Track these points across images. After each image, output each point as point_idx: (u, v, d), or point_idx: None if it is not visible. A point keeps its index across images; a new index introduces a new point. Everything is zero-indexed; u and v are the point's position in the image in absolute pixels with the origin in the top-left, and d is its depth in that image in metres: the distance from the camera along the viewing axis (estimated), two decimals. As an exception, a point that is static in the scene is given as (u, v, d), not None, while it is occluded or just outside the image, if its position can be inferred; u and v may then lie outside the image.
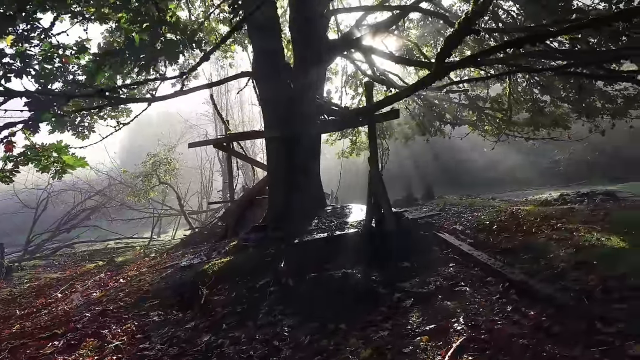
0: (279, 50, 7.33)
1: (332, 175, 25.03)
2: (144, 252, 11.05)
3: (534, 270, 4.54)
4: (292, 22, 7.36)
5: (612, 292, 3.64)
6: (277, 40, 7.29)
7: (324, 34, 7.55)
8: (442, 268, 4.95)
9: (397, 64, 8.77)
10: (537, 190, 16.47)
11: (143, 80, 5.02)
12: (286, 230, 6.45)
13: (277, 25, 7.35)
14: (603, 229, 5.75)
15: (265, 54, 7.19)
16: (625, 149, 17.30)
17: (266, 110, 7.32)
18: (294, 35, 7.44)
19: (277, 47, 7.29)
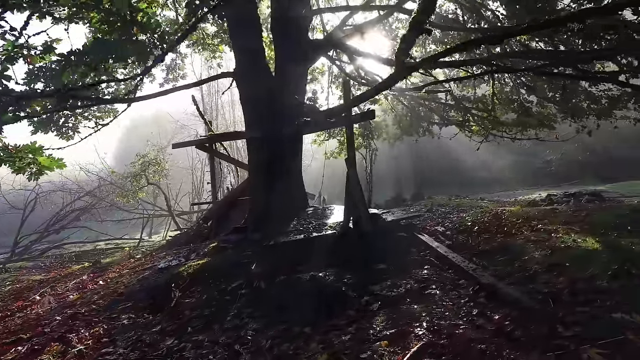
0: (260, 49, 7.27)
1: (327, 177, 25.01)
2: (129, 253, 10.97)
3: (507, 273, 4.51)
4: (273, 22, 7.31)
5: (578, 294, 3.60)
6: (257, 39, 7.24)
7: (306, 33, 7.51)
8: (416, 270, 4.91)
9: (385, 65, 8.72)
10: (528, 191, 16.48)
11: (96, 82, 4.93)
12: (264, 232, 6.40)
13: (258, 25, 7.29)
14: (581, 230, 5.73)
15: (246, 54, 7.14)
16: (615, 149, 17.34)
17: (247, 110, 7.27)
18: (274, 35, 7.39)
19: (258, 47, 7.23)
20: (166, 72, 13.26)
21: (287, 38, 7.24)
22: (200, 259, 6.53)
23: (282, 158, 6.86)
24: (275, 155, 6.87)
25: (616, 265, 4.09)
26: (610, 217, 6.29)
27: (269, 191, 7.06)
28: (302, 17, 7.42)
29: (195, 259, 6.60)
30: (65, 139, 10.31)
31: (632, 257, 4.20)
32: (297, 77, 7.23)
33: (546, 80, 8.93)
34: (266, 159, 6.92)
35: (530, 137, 10.38)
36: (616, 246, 4.72)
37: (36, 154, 5.90)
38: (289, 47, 7.21)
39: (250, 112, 7.19)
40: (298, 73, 7.26)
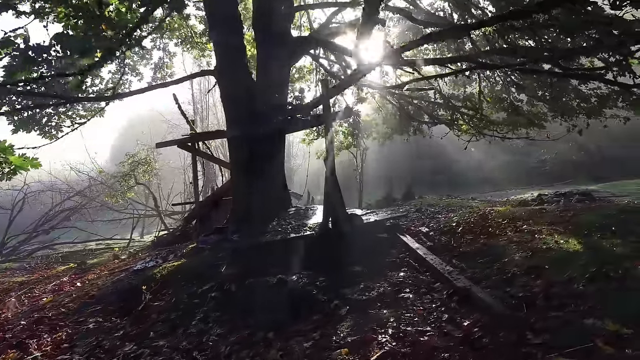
0: (241, 46, 7.11)
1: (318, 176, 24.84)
2: (114, 254, 10.81)
3: (484, 275, 4.37)
4: (254, 18, 7.15)
5: (553, 298, 3.47)
6: (239, 36, 7.08)
7: (288, 30, 7.36)
8: (393, 273, 4.77)
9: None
10: (521, 190, 16.35)
11: (42, 76, 4.74)
12: (244, 232, 6.26)
13: (239, 21, 7.13)
14: (565, 231, 5.59)
15: (226, 51, 6.98)
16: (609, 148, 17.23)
17: (227, 109, 7.11)
18: (256, 32, 7.23)
19: (239, 44, 7.08)
20: (154, 71, 13.12)
21: (270, 35, 7.09)
22: (177, 260, 6.39)
23: (262, 157, 6.71)
24: (255, 154, 6.72)
25: (595, 268, 3.95)
26: (596, 217, 6.15)
27: (249, 191, 6.92)
28: (285, 14, 7.27)
29: (172, 260, 6.46)
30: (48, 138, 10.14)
31: (611, 260, 4.06)
32: (280, 74, 7.08)
33: (535, 79, 8.80)
34: (246, 158, 6.77)
35: (520, 137, 10.24)
36: (597, 248, 4.58)
37: (7, 154, 5.74)
38: (271, 44, 7.06)
39: (230, 110, 7.03)
40: (280, 71, 7.11)
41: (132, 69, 13.34)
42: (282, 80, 7.17)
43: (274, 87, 6.86)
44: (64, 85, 9.79)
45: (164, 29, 9.40)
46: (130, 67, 13.31)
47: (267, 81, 6.88)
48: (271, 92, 6.72)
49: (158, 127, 23.39)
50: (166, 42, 13.13)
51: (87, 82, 10.53)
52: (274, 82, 6.92)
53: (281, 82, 7.13)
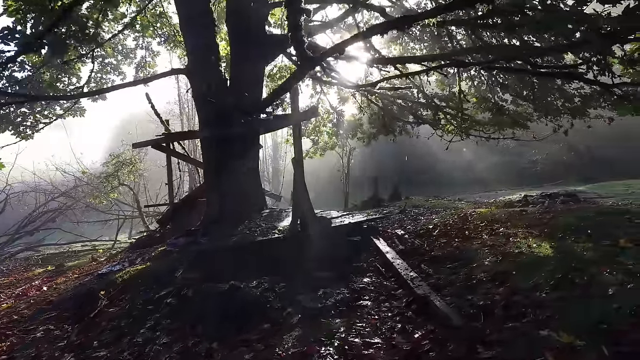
0: (212, 45, 6.91)
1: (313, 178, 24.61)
2: (92, 256, 10.60)
3: (449, 282, 4.20)
4: (227, 16, 6.96)
5: (513, 307, 3.29)
6: (210, 34, 6.88)
7: (263, 28, 7.16)
8: (357, 278, 4.60)
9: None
10: (511, 191, 16.18)
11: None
12: (214, 235, 6.07)
13: (211, 19, 6.93)
14: (540, 234, 5.43)
15: (197, 49, 6.78)
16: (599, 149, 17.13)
17: (199, 109, 6.92)
18: (230, 30, 7.05)
19: (211, 43, 6.88)
20: (136, 70, 12.91)
21: (243, 33, 6.91)
22: (143, 263, 6.20)
23: (232, 158, 6.52)
24: (225, 155, 6.53)
25: (561, 274, 3.78)
26: (574, 219, 6.00)
27: (220, 192, 6.74)
28: (260, 12, 7.09)
29: (139, 264, 6.26)
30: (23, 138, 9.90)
31: (579, 265, 3.89)
32: (253, 74, 6.89)
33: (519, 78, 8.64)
34: (216, 158, 6.58)
35: (505, 137, 10.08)
36: (568, 252, 4.41)
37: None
38: (244, 43, 6.88)
39: (201, 110, 6.84)
40: (254, 70, 6.92)
41: (115, 68, 13.13)
42: (255, 80, 6.99)
43: (247, 87, 6.67)
44: (40, 84, 9.58)
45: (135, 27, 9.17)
46: (113, 67, 13.10)
47: (239, 80, 6.69)
48: (243, 91, 6.53)
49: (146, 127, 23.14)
50: (149, 41, 12.92)
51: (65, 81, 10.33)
52: (247, 82, 6.73)
53: (255, 82, 6.94)
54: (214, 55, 6.76)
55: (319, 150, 11.97)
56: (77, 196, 16.65)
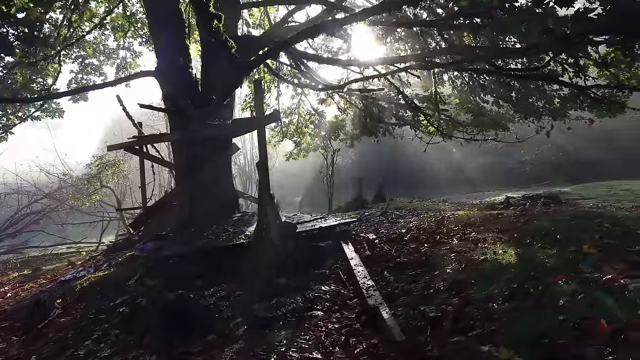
0: (183, 46, 6.77)
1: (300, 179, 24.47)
2: (69, 260, 10.44)
3: (406, 291, 4.10)
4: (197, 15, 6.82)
5: (462, 319, 3.19)
6: (180, 35, 6.74)
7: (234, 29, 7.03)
8: (317, 286, 4.49)
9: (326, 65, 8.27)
10: (499, 191, 16.13)
11: None
12: (177, 240, 5.95)
13: (181, 19, 6.79)
14: (510, 239, 5.34)
15: (167, 50, 6.65)
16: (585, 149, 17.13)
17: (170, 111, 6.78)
18: (200, 30, 6.91)
19: (181, 44, 6.73)
20: (116, 71, 12.75)
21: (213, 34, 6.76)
22: (109, 269, 6.07)
23: (202, 161, 6.40)
24: (195, 158, 6.41)
25: (518, 283, 3.69)
26: (547, 224, 5.92)
27: (190, 195, 6.62)
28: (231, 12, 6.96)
29: (104, 269, 6.13)
30: (-5, 139, 9.71)
31: (538, 274, 3.80)
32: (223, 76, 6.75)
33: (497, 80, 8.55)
34: (186, 162, 6.45)
35: (486, 138, 10.01)
36: (530, 259, 4.32)
37: None
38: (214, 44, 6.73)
39: (171, 113, 6.71)
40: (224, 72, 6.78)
41: (96, 69, 12.96)
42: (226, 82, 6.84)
43: (217, 89, 6.53)
44: (13, 84, 9.40)
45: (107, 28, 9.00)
46: (94, 68, 12.94)
47: (209, 83, 6.56)
48: (213, 94, 6.40)
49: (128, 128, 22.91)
50: (130, 41, 12.76)
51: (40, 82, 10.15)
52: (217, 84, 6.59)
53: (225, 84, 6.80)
54: (183, 57, 6.62)
55: (302, 151, 11.84)
56: (61, 198, 16.43)
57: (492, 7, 4.04)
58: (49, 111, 11.58)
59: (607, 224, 5.39)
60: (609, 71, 7.04)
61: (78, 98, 13.11)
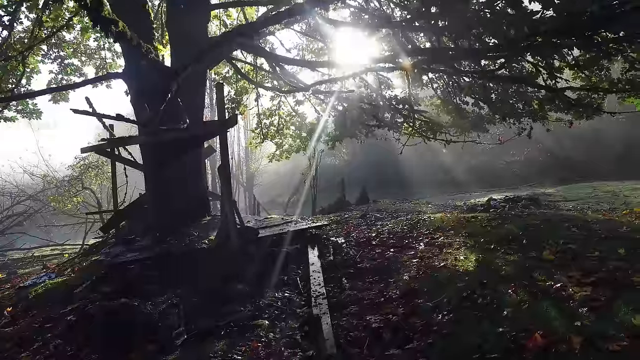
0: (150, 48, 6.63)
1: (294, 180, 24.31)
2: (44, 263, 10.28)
3: (357, 299, 3.99)
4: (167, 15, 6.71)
5: (403, 331, 3.10)
6: (147, 35, 6.60)
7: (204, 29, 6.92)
8: (272, 293, 4.39)
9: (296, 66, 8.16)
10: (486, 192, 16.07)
11: None
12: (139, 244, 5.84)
13: (147, 18, 6.65)
14: (475, 244, 5.27)
15: (133, 52, 6.50)
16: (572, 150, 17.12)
17: (136, 114, 6.65)
18: (169, 31, 6.79)
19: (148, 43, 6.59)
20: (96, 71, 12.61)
21: (182, 35, 6.67)
22: (70, 274, 5.95)
23: (167, 164, 6.28)
24: (163, 162, 6.29)
25: (469, 292, 3.61)
26: (517, 228, 5.89)
27: (159, 199, 6.51)
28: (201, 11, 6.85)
29: (66, 275, 6.01)
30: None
31: (491, 282, 3.73)
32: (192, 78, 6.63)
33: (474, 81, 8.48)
34: (154, 165, 6.34)
35: (466, 140, 9.94)
36: (488, 266, 4.25)
37: None
38: (183, 45, 6.63)
39: (138, 115, 6.58)
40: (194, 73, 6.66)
41: (77, 69, 12.80)
42: (195, 84, 6.74)
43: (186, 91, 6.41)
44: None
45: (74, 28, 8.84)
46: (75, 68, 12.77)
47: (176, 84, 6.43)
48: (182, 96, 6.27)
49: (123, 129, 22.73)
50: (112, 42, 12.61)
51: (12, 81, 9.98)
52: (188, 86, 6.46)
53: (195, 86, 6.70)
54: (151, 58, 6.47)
55: (284, 153, 11.74)
56: (45, 199, 16.24)
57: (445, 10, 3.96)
58: (25, 112, 11.41)
59: (574, 229, 5.35)
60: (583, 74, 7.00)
61: (58, 99, 12.96)
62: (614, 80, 6.84)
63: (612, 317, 2.75)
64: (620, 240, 4.56)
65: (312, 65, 6.91)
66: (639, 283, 3.27)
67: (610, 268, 3.68)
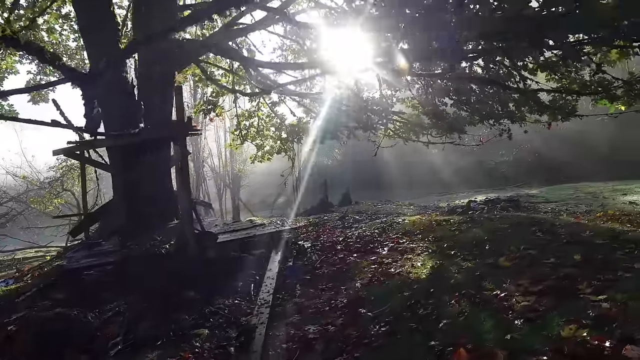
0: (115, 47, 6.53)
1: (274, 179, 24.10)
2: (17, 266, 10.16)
3: (305, 307, 3.91)
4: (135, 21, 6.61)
5: (336, 343, 3.01)
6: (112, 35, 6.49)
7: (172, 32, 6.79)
8: (222, 300, 4.30)
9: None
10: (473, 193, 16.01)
11: None
12: (98, 250, 5.75)
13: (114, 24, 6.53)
14: (437, 250, 5.20)
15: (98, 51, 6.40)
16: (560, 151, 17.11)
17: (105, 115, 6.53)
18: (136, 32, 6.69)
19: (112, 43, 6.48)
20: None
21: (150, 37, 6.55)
22: (27, 281, 5.85)
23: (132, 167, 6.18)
24: (128, 165, 6.19)
25: (413, 301, 3.53)
26: (485, 232, 5.84)
27: (124, 202, 6.42)
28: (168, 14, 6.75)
29: (26, 280, 5.91)
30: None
31: (437, 291, 3.65)
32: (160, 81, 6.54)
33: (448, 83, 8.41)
34: (120, 168, 6.25)
35: (445, 142, 9.88)
36: (442, 273, 4.18)
37: None
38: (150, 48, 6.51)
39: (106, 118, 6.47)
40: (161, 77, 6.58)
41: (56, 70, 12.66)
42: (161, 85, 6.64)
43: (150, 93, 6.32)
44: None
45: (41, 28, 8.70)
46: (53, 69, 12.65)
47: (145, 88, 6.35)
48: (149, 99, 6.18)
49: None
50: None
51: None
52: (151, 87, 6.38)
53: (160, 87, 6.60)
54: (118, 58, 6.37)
55: (266, 154, 11.63)
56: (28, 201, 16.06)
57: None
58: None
59: (540, 233, 5.28)
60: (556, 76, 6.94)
61: (38, 99, 12.84)
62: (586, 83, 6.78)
63: (543, 329, 2.67)
64: (580, 245, 4.48)
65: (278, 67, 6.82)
66: (583, 291, 3.18)
67: (561, 275, 3.59)
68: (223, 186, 20.31)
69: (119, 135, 5.22)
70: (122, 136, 5.22)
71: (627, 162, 14.64)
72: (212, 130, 21.11)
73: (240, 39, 8.94)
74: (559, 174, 15.26)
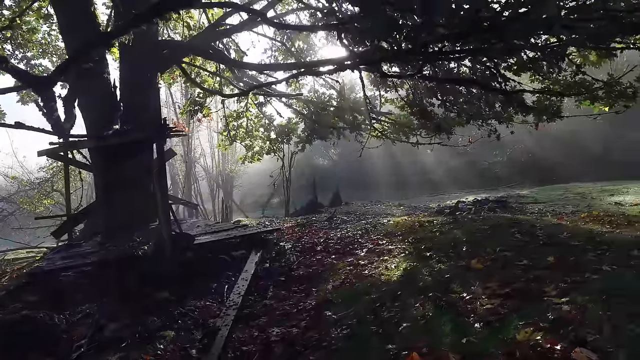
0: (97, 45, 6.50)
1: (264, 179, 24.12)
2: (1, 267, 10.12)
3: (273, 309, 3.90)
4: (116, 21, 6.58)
5: (295, 346, 3.00)
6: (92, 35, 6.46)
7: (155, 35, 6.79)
8: (195, 301, 4.29)
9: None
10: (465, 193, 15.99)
11: None
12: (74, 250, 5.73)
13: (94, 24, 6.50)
14: (415, 251, 5.18)
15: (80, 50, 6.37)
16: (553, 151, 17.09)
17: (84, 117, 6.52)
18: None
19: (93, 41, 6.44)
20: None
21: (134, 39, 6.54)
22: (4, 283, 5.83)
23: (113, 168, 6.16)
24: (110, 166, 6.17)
25: (378, 304, 3.51)
26: (464, 234, 5.83)
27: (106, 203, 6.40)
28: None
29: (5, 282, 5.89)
30: None
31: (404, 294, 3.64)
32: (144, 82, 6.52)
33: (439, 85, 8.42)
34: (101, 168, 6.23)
35: (432, 142, 9.86)
36: (413, 275, 4.16)
37: None
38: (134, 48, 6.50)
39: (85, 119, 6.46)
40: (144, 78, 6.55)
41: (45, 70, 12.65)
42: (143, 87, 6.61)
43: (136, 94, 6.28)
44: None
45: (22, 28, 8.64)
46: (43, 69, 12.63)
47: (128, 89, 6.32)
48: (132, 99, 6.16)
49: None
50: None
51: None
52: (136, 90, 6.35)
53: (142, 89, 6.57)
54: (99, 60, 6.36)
55: (255, 155, 11.61)
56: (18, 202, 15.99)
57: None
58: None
59: (519, 234, 5.25)
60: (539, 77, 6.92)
61: (27, 99, 12.81)
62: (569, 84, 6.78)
63: (500, 333, 2.66)
64: (556, 246, 4.46)
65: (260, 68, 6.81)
66: (549, 294, 3.16)
67: (531, 277, 3.58)
68: (216, 187, 20.27)
69: (99, 137, 5.19)
70: (102, 138, 5.19)
71: (619, 162, 14.63)
72: (205, 130, 21.11)
73: (227, 39, 8.92)
74: (552, 174, 15.23)
